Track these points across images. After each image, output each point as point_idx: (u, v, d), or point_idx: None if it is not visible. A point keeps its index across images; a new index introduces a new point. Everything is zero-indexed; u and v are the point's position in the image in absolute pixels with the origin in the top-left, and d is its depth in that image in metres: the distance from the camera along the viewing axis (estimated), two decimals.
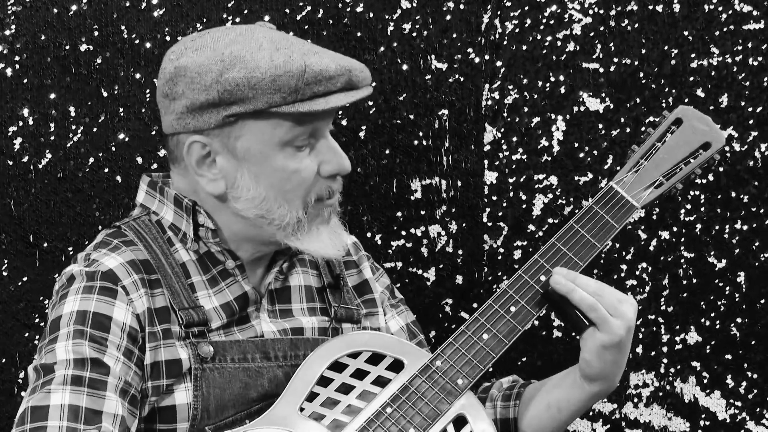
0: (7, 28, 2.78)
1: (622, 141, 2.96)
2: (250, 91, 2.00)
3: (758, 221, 2.98)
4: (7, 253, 2.81)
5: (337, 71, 2.03)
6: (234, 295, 2.12)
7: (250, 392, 2.07)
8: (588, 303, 2.06)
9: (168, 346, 2.05)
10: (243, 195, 2.07)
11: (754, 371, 3.00)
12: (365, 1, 2.89)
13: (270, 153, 2.05)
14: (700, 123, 2.22)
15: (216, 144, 2.06)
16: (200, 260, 2.12)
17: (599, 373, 2.11)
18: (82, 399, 1.95)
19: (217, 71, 2.01)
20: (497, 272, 2.96)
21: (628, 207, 2.17)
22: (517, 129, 2.95)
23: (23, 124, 2.80)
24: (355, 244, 2.33)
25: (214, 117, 2.03)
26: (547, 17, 2.94)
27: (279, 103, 2.01)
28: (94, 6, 2.81)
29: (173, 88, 2.05)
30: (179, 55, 2.06)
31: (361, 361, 2.08)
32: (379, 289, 2.30)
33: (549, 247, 2.13)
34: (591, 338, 2.08)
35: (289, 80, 2.00)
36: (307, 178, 2.07)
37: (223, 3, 2.85)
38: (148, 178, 2.18)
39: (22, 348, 2.82)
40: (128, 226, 2.13)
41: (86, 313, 2.00)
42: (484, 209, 2.96)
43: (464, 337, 2.08)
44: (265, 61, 2.00)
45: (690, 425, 3.00)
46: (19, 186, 2.81)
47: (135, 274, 2.05)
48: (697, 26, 2.95)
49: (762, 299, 2.99)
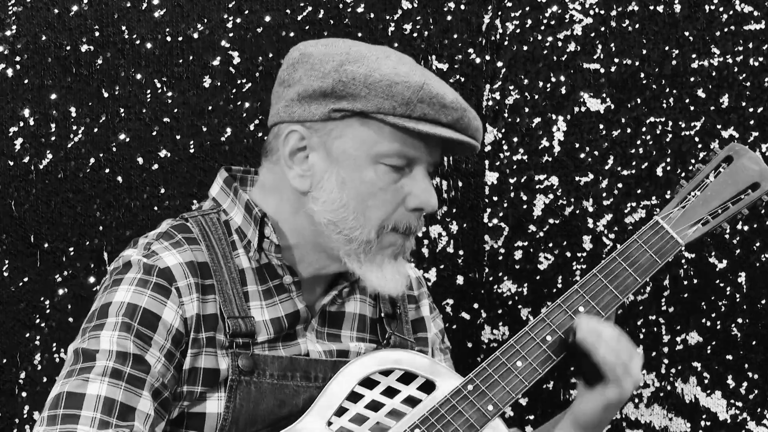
0: (8, 29, 2.78)
1: (623, 141, 2.96)
2: (363, 89, 1.99)
3: (759, 222, 2.97)
4: (7, 254, 2.80)
5: (452, 103, 2.01)
6: (286, 312, 2.09)
7: (283, 410, 2.04)
8: (609, 363, 2.05)
9: (209, 354, 2.02)
10: (324, 197, 2.04)
11: (755, 372, 3.00)
12: (366, 2, 2.89)
13: (363, 163, 2.03)
14: (750, 162, 2.19)
15: (314, 139, 2.04)
16: (259, 270, 2.09)
17: (597, 424, 2.12)
18: (118, 393, 1.93)
19: (339, 61, 2.00)
20: (498, 273, 2.96)
21: (672, 243, 2.14)
22: (517, 129, 2.95)
23: (24, 125, 2.80)
24: (418, 279, 2.29)
25: (321, 109, 2.02)
26: (547, 18, 2.94)
27: (388, 111, 1.99)
28: (95, 6, 2.81)
29: (292, 74, 2.05)
30: (308, 45, 2.07)
31: (392, 380, 2.05)
32: (434, 330, 2.28)
33: (590, 278, 2.12)
34: (600, 393, 2.08)
35: (405, 90, 1.98)
36: (390, 201, 2.04)
37: (224, 3, 2.85)
38: (225, 173, 2.15)
39: (22, 348, 2.81)
40: (195, 221, 2.09)
41: (137, 307, 1.99)
42: (484, 210, 2.96)
43: (498, 363, 2.06)
44: (388, 67, 2.00)
45: (691, 426, 3.00)
46: (20, 186, 2.80)
47: (191, 276, 2.02)
48: (697, 26, 2.95)
49: (763, 299, 2.99)
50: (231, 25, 2.85)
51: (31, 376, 2.81)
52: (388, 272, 2.08)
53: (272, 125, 2.09)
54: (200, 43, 2.85)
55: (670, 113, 2.96)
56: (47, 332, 2.81)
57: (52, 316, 2.81)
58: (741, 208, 2.19)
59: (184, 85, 2.84)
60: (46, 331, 2.81)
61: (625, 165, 2.95)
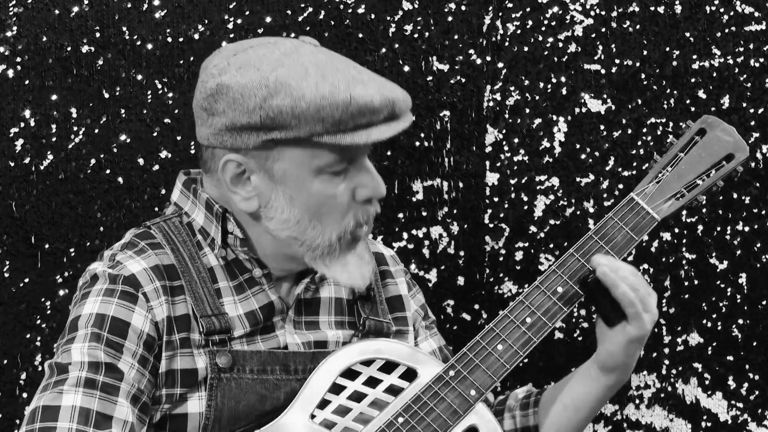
0: (8, 30, 2.78)
1: (624, 142, 2.96)
2: (293, 120, 1.98)
3: (760, 222, 2.97)
4: (8, 255, 2.81)
5: (381, 104, 2.00)
6: (259, 304, 2.10)
7: (265, 405, 2.05)
8: (629, 299, 2.06)
9: (185, 355, 2.03)
10: (276, 216, 2.05)
11: (756, 372, 3.00)
12: (367, 3, 2.89)
13: (306, 178, 2.03)
14: (724, 134, 2.17)
15: (252, 164, 2.03)
16: (227, 266, 2.10)
17: (620, 364, 2.11)
18: (93, 402, 1.94)
19: (262, 97, 1.98)
20: (498, 274, 2.96)
21: (649, 219, 2.14)
22: (518, 130, 2.95)
23: (25, 126, 2.80)
24: (393, 256, 2.30)
25: (254, 139, 2.01)
26: (548, 18, 2.94)
27: (321, 132, 1.99)
28: (96, 7, 2.81)
29: (213, 105, 2.02)
30: (222, 71, 2.02)
31: (374, 369, 2.06)
32: (413, 307, 2.28)
33: (567, 258, 2.11)
34: (621, 331, 2.08)
35: (334, 112, 1.98)
36: (342, 203, 2.05)
37: (225, 4, 2.85)
38: (184, 177, 2.15)
39: (23, 349, 2.81)
40: (158, 227, 2.11)
41: (105, 317, 2.00)
42: (485, 210, 2.96)
43: (478, 348, 2.07)
44: (311, 90, 1.98)
45: (692, 427, 3.00)
46: (21, 187, 2.80)
47: (158, 280, 2.04)
48: (698, 27, 2.95)
49: (763, 300, 2.99)
50: (232, 26, 2.85)
51: (32, 377, 2.81)
52: (353, 266, 2.09)
53: (204, 146, 2.08)
54: (201, 44, 2.85)
55: (671, 114, 2.96)
56: (48, 333, 2.81)
57: (53, 317, 2.81)
58: (716, 180, 2.17)
59: (185, 86, 2.84)
60: (46, 332, 2.82)
61: (626, 166, 2.95)
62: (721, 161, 2.17)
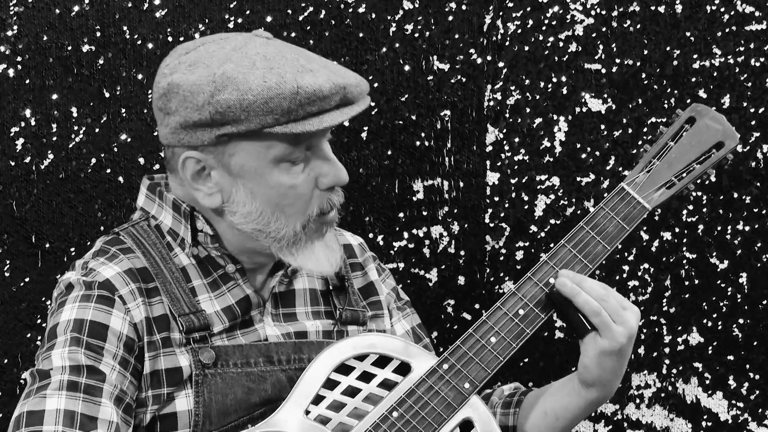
0: (9, 29, 2.78)
1: (625, 142, 2.96)
2: (242, 113, 1.99)
3: (760, 222, 2.98)
4: (9, 254, 2.81)
5: (331, 90, 2.01)
6: (236, 299, 2.11)
7: (252, 397, 2.06)
8: (592, 307, 2.05)
9: (168, 355, 2.04)
10: (239, 210, 2.06)
11: (756, 372, 3.00)
12: (367, 2, 2.89)
13: (265, 170, 2.04)
14: (713, 122, 2.17)
15: (210, 160, 2.05)
16: (200, 264, 2.11)
17: (597, 379, 2.10)
18: (77, 405, 1.95)
19: (209, 92, 1.99)
20: (499, 273, 2.96)
21: (640, 208, 2.13)
22: (519, 130, 2.95)
23: (25, 125, 2.80)
24: (361, 245, 2.31)
25: (207, 135, 2.02)
26: (549, 18, 2.94)
27: (272, 124, 1.99)
28: (96, 7, 2.81)
29: (167, 104, 2.04)
30: (173, 70, 2.05)
31: (367, 364, 2.07)
32: (385, 291, 2.29)
33: (558, 249, 2.11)
34: (592, 343, 2.07)
35: (282, 102, 1.98)
36: (304, 193, 2.06)
37: (225, 4, 2.85)
38: (148, 181, 2.17)
39: (24, 348, 2.82)
40: (126, 233, 2.12)
41: (83, 321, 2.01)
42: (486, 210, 2.96)
43: (472, 341, 2.06)
44: (258, 82, 1.98)
45: (692, 426, 3.00)
46: (21, 187, 2.81)
47: (132, 283, 2.05)
48: (699, 27, 2.95)
49: (764, 300, 2.99)
50: (232, 25, 2.85)
51: None
52: (321, 254, 2.10)
53: (165, 146, 2.10)
54: None
55: (672, 114, 2.96)
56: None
57: None
58: (706, 168, 2.17)
59: None
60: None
61: (627, 165, 2.96)
62: (711, 149, 2.17)
